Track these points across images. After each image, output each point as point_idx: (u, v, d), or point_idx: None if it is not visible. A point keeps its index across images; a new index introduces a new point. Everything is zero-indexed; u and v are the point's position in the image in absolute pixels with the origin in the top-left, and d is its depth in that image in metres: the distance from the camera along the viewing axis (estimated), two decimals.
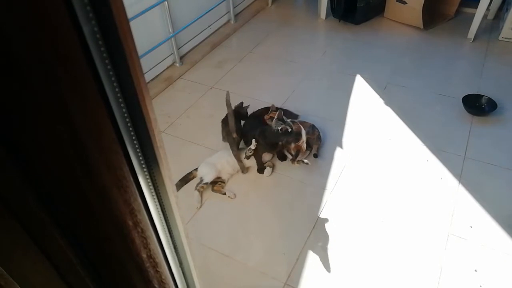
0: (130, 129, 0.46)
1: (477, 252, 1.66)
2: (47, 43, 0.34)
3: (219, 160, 2.05)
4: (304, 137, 2.03)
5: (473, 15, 2.91)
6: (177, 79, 2.85)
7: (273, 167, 2.10)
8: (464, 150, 2.11)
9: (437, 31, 3.15)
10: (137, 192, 0.49)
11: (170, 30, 2.75)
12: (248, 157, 2.02)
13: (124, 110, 0.44)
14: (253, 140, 1.97)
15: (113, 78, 0.41)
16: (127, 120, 0.45)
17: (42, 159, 0.43)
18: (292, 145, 2.02)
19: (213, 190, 1.99)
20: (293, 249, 1.72)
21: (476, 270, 1.59)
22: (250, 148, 1.98)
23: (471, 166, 2.02)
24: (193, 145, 2.25)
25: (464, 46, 2.97)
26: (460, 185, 1.93)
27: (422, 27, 3.11)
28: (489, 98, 2.34)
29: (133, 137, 0.47)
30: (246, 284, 1.62)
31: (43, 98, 0.37)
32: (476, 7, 2.87)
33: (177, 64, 2.92)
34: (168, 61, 2.91)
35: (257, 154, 2.03)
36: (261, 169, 2.07)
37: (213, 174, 1.98)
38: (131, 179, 0.47)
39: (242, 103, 2.23)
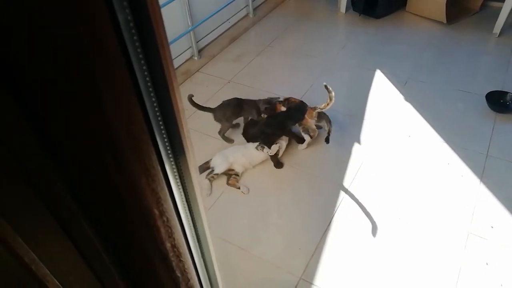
0: (159, 118, 0.46)
1: (498, 252, 1.62)
2: (84, 32, 0.34)
3: (233, 153, 2.06)
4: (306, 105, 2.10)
5: (499, 9, 2.82)
6: (195, 72, 2.86)
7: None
8: (487, 148, 2.06)
9: (461, 25, 3.06)
10: (164, 182, 0.49)
11: (189, 23, 2.75)
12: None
13: (154, 99, 0.44)
14: (273, 146, 2.01)
15: (144, 67, 0.41)
16: (156, 109, 0.45)
17: (74, 148, 0.44)
18: (307, 118, 2.03)
19: (228, 183, 2.00)
20: (309, 244, 1.71)
21: (496, 271, 1.56)
22: (269, 151, 2.01)
23: (493, 164, 1.97)
24: (211, 138, 2.26)
25: (489, 41, 2.89)
26: (482, 183, 1.89)
27: (445, 21, 3.03)
28: None
29: (161, 127, 0.47)
30: (262, 277, 1.63)
31: (78, 86, 0.38)
32: (502, 1, 2.78)
33: (196, 58, 2.93)
34: (187, 55, 2.92)
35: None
36: (278, 164, 2.07)
37: (225, 165, 2.01)
38: (159, 168, 0.47)
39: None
